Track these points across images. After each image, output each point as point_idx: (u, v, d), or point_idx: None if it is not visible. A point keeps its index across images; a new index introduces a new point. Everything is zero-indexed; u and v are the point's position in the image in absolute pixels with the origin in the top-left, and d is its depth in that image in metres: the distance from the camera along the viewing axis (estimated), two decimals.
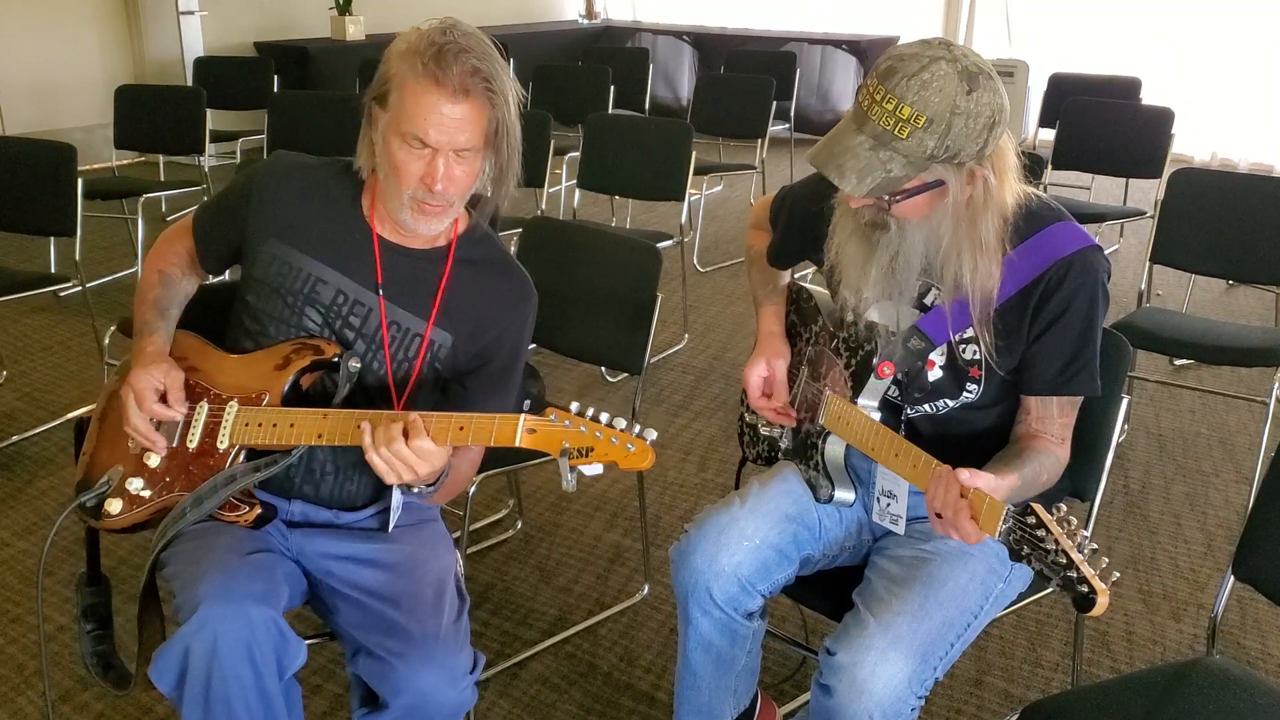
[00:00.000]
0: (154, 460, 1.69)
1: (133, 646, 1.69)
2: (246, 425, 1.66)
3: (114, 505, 1.69)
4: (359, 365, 1.68)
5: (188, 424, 1.69)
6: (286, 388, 1.66)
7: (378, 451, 1.52)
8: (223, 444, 1.66)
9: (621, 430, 1.46)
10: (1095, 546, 1.28)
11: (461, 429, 1.52)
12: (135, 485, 1.69)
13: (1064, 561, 1.27)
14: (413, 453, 1.51)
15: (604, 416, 1.47)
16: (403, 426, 1.52)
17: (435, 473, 1.56)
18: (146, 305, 1.78)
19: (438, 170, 1.57)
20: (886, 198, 1.53)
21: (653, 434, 1.46)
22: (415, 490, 1.62)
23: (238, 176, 1.79)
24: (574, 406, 1.48)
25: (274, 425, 1.64)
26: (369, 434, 1.53)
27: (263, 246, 1.72)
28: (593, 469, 1.48)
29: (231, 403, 1.68)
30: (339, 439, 1.60)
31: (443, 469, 1.59)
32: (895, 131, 1.45)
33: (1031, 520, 1.31)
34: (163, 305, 1.79)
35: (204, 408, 1.69)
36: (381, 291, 1.70)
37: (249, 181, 1.75)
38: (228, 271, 1.95)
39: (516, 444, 1.49)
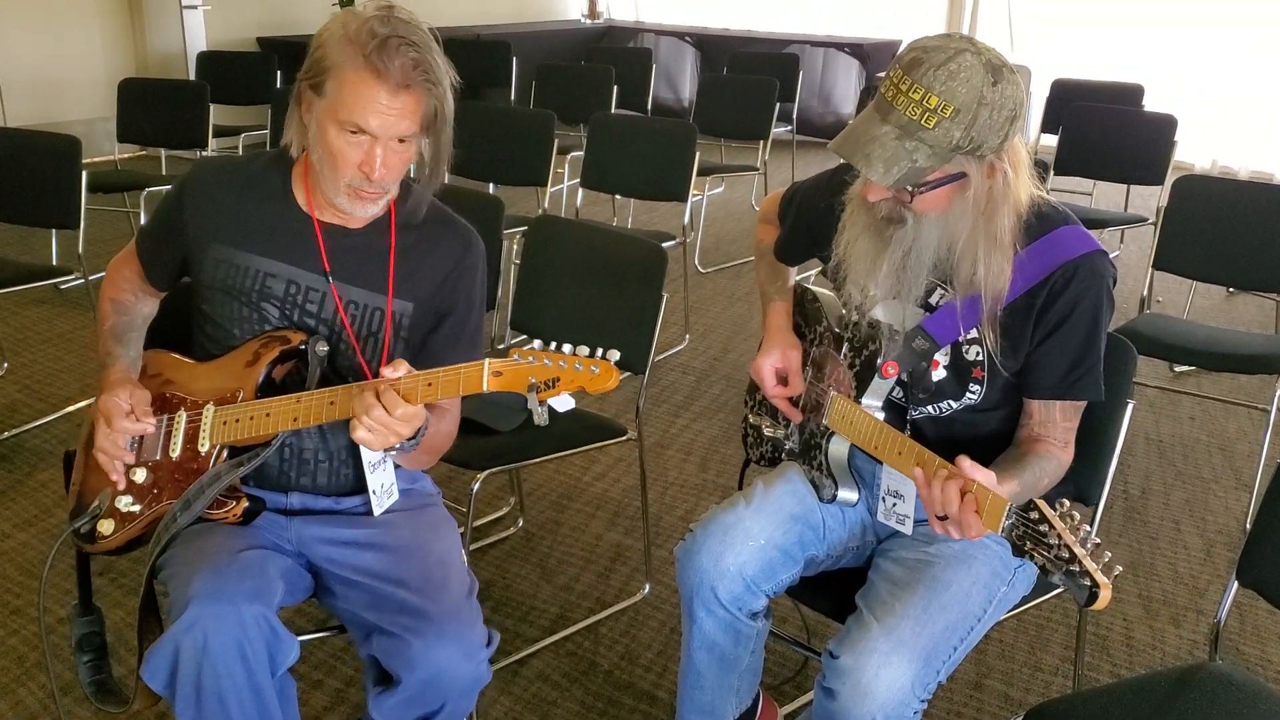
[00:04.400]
0: (140, 475, 1.70)
1: (134, 640, 1.69)
2: (224, 424, 1.66)
3: (106, 526, 1.71)
4: (326, 348, 1.69)
5: (168, 435, 1.70)
6: (260, 381, 1.67)
7: (361, 421, 1.51)
8: (204, 447, 1.67)
9: (584, 355, 1.45)
10: (1098, 541, 1.29)
11: (429, 385, 1.52)
12: (124, 502, 1.70)
13: (1067, 556, 1.28)
14: (391, 415, 1.51)
15: (566, 347, 1.46)
16: (375, 393, 1.51)
17: (415, 429, 1.56)
18: (104, 336, 1.80)
19: (376, 158, 1.57)
20: (909, 189, 1.53)
21: (615, 354, 1.45)
22: (398, 448, 1.61)
23: (168, 191, 1.79)
24: (536, 344, 1.48)
25: (250, 419, 1.65)
26: (361, 400, 1.52)
27: (206, 253, 1.72)
28: (562, 401, 1.47)
29: (208, 406, 1.68)
30: (314, 419, 1.61)
31: (421, 425, 1.59)
32: (922, 121, 1.46)
33: (1034, 515, 1.32)
34: (119, 332, 1.81)
35: (182, 416, 1.70)
36: (330, 276, 1.71)
37: (179, 193, 1.75)
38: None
39: (484, 389, 1.48)
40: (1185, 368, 4.04)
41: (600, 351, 1.45)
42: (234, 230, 1.71)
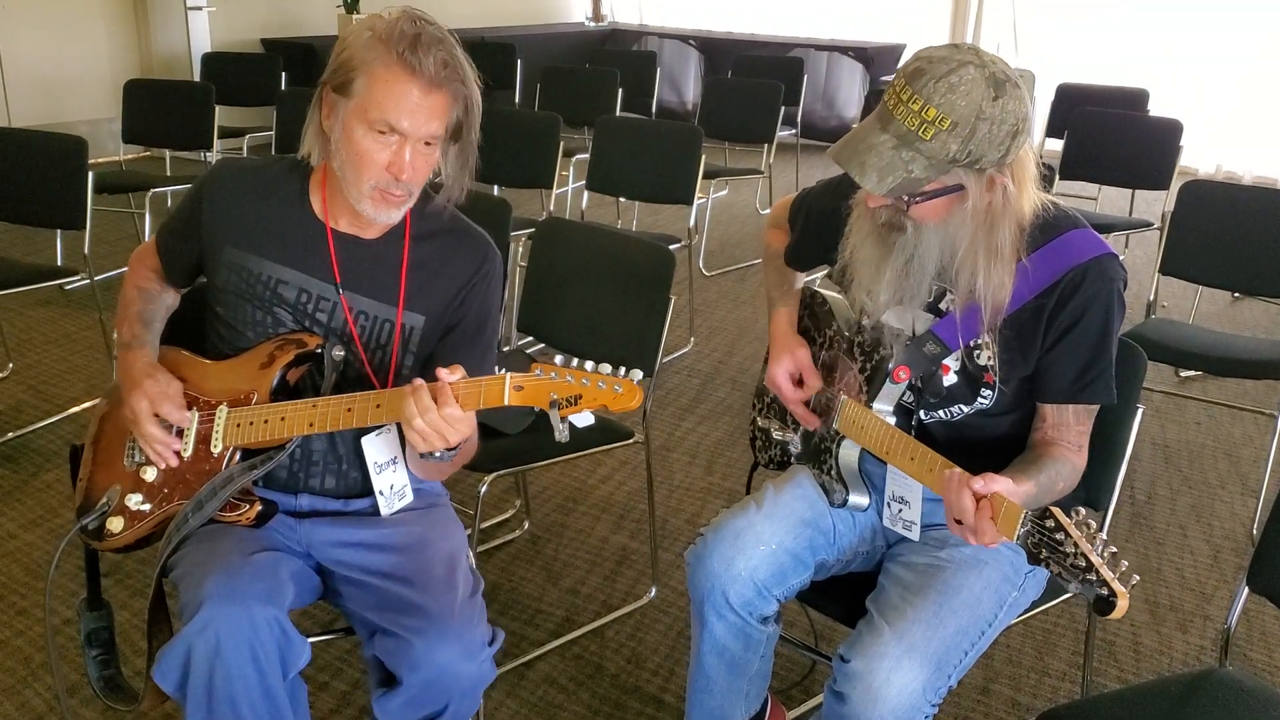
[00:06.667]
0: (151, 474, 1.69)
1: (141, 642, 1.69)
2: (238, 426, 1.66)
3: (115, 524, 1.70)
4: (343, 353, 1.68)
5: (180, 434, 1.69)
6: (274, 384, 1.66)
7: (413, 423, 1.49)
8: (216, 448, 1.66)
9: (607, 374, 1.44)
10: (1115, 549, 1.28)
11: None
12: (134, 501, 1.69)
13: (1083, 564, 1.27)
14: (444, 420, 1.49)
15: (589, 364, 1.45)
16: (429, 393, 1.50)
17: (460, 439, 1.55)
18: (131, 319, 1.79)
19: (404, 158, 1.57)
20: (905, 198, 1.53)
21: (638, 373, 1.45)
22: (436, 455, 1.60)
23: (190, 188, 1.79)
24: (558, 359, 1.47)
25: (265, 422, 1.64)
26: (412, 402, 1.49)
27: (220, 256, 1.72)
28: (583, 418, 1.47)
29: (221, 407, 1.68)
30: (330, 425, 1.60)
31: (465, 437, 1.58)
32: (919, 132, 1.46)
33: (1050, 523, 1.31)
34: (147, 318, 1.80)
35: (194, 415, 1.69)
36: (340, 286, 1.70)
37: (197, 193, 1.75)
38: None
39: (505, 403, 1.47)
40: (1191, 373, 4.04)
41: (623, 370, 1.45)
42: (248, 234, 1.71)
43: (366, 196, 1.61)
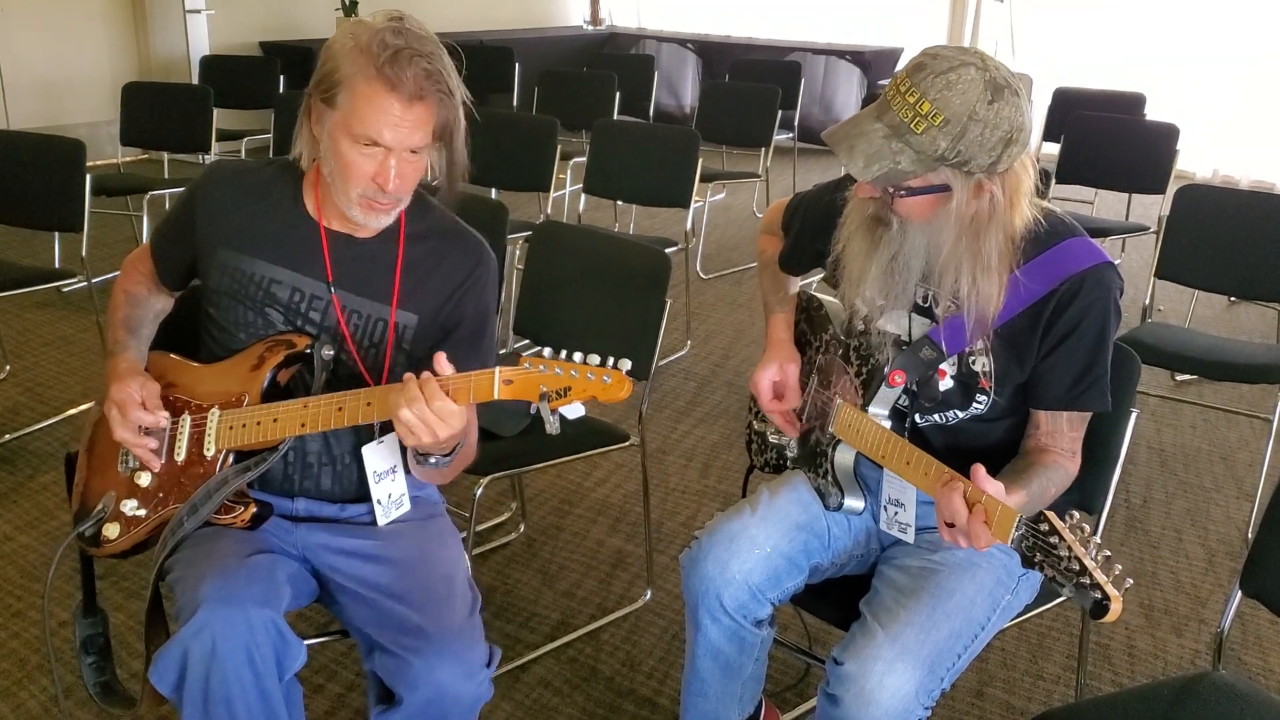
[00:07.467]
0: (145, 479, 1.69)
1: (138, 644, 1.69)
2: (230, 429, 1.66)
3: (111, 530, 1.70)
4: (332, 353, 1.68)
5: (173, 438, 1.69)
6: (265, 385, 1.67)
7: (400, 415, 1.48)
8: (209, 451, 1.67)
9: (595, 365, 1.44)
10: (1108, 553, 1.28)
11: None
12: (130, 506, 1.70)
13: (1077, 568, 1.27)
14: (434, 414, 1.48)
15: (577, 356, 1.45)
16: (417, 385, 1.49)
17: (454, 438, 1.54)
18: (116, 325, 1.80)
19: (389, 170, 1.57)
20: (890, 190, 1.54)
21: (627, 364, 1.45)
22: (432, 460, 1.61)
23: (183, 191, 1.80)
24: (546, 351, 1.47)
25: (257, 424, 1.64)
26: (406, 390, 1.48)
27: (213, 258, 1.73)
28: (573, 409, 1.47)
29: (213, 410, 1.68)
30: (322, 425, 1.61)
31: (460, 437, 1.58)
32: (911, 125, 1.46)
33: (1044, 527, 1.31)
34: (132, 324, 1.81)
35: (186, 419, 1.69)
36: (333, 284, 1.70)
37: (191, 195, 1.76)
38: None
39: (495, 397, 1.47)
40: (1187, 376, 4.05)
41: (611, 361, 1.45)
42: (241, 235, 1.71)
43: (355, 204, 1.62)
